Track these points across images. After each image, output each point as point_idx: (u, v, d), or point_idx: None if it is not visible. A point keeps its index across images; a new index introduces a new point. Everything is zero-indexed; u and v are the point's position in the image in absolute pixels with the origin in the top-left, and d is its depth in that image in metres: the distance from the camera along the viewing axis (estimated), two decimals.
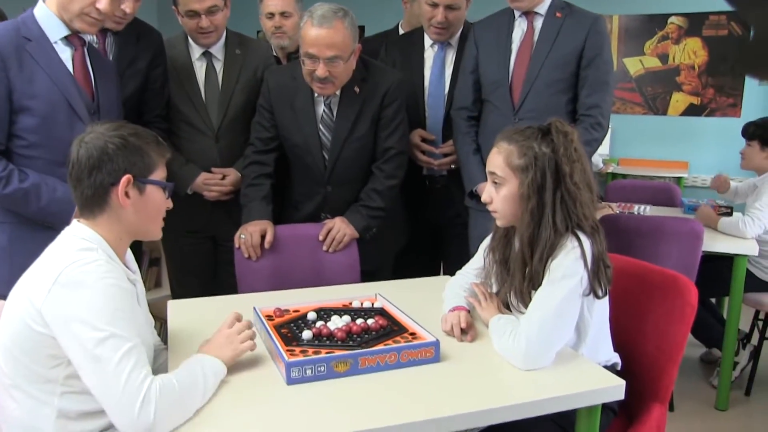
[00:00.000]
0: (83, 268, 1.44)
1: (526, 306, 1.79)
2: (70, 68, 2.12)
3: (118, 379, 1.38)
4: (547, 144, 1.75)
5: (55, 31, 2.09)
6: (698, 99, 6.18)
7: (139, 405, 1.36)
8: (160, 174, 1.62)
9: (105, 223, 1.57)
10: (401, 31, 3.30)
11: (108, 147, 1.54)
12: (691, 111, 6.22)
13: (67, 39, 2.12)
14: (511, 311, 1.90)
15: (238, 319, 1.70)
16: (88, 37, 2.47)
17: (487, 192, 1.86)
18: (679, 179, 5.94)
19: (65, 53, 2.12)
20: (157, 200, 1.64)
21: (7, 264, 2.04)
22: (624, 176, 6.03)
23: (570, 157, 1.74)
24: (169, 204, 1.69)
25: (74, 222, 1.60)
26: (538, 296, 1.74)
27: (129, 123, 1.64)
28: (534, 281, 1.78)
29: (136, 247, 2.77)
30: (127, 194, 1.55)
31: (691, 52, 6.13)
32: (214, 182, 2.75)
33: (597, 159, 5.73)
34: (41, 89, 2.04)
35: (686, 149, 6.28)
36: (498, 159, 1.81)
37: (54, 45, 2.09)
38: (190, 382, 1.46)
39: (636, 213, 3.70)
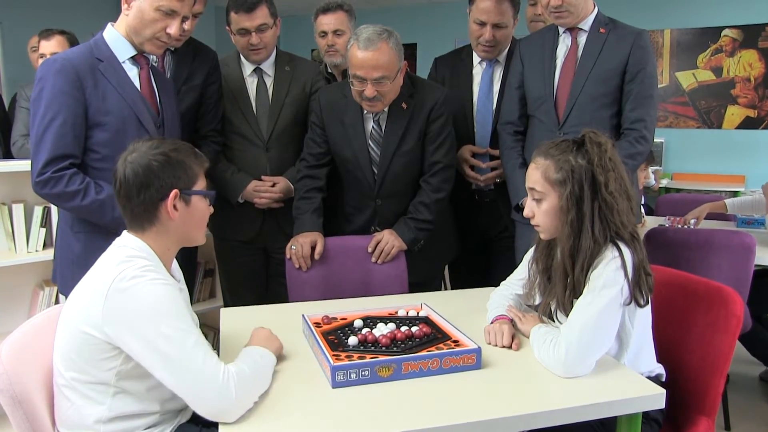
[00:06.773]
0: (134, 273, 1.53)
1: (567, 316, 1.82)
2: (138, 85, 2.26)
3: (194, 371, 1.49)
4: (582, 156, 1.79)
5: (123, 51, 2.23)
6: (755, 112, 6.07)
7: (218, 390, 1.47)
8: (201, 184, 1.71)
9: (153, 235, 1.66)
10: None
11: (152, 165, 1.62)
12: (748, 124, 6.12)
13: (133, 59, 2.26)
14: (553, 322, 1.93)
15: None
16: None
17: (529, 207, 1.91)
18: (735, 193, 5.80)
19: (132, 71, 2.26)
20: (202, 209, 1.73)
21: (81, 270, 2.16)
22: (677, 191, 5.94)
23: (605, 166, 1.76)
24: (211, 210, 1.78)
25: (124, 233, 1.69)
26: (578, 305, 1.76)
27: (167, 139, 1.72)
28: (575, 291, 1.81)
29: (191, 259, 2.91)
30: (175, 207, 1.64)
31: (746, 65, 6.03)
32: (264, 189, 2.85)
33: (650, 176, 5.65)
34: (113, 106, 2.18)
35: (743, 163, 6.17)
36: (536, 174, 1.86)
37: (122, 64, 2.24)
38: (258, 368, 1.61)
39: (682, 227, 3.64)
